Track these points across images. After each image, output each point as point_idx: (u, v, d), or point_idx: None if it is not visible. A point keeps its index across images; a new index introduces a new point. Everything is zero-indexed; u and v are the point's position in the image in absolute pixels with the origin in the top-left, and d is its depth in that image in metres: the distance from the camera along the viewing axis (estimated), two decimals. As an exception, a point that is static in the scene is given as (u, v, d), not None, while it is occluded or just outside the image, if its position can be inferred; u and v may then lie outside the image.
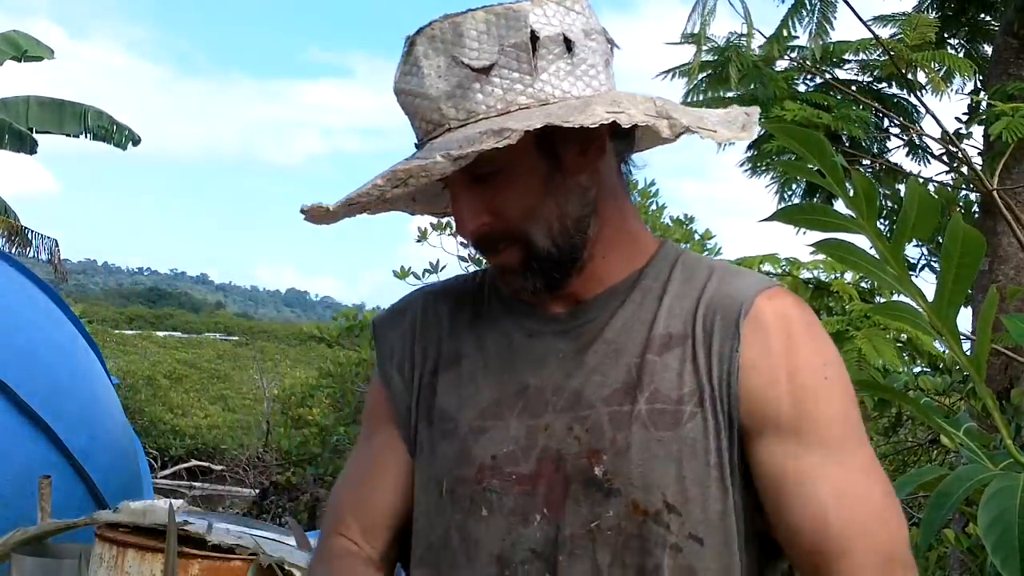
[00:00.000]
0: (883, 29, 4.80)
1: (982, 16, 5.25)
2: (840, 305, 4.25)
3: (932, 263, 5.09)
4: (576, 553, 1.17)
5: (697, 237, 6.99)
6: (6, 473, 4.59)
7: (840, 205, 1.60)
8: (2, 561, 3.62)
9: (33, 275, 5.88)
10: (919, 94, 4.83)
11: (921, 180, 4.74)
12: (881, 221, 4.58)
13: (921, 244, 4.88)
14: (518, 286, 1.24)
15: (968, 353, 1.54)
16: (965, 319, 4.33)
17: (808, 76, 4.91)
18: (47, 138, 14.82)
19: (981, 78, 5.02)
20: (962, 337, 1.56)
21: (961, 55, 4.93)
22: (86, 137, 14.65)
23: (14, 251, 13.63)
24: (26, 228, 14.20)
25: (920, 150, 5.12)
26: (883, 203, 4.99)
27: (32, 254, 14.04)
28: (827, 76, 4.88)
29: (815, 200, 4.76)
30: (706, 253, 6.50)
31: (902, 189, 4.95)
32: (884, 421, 4.81)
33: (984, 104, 4.47)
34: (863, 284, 4.29)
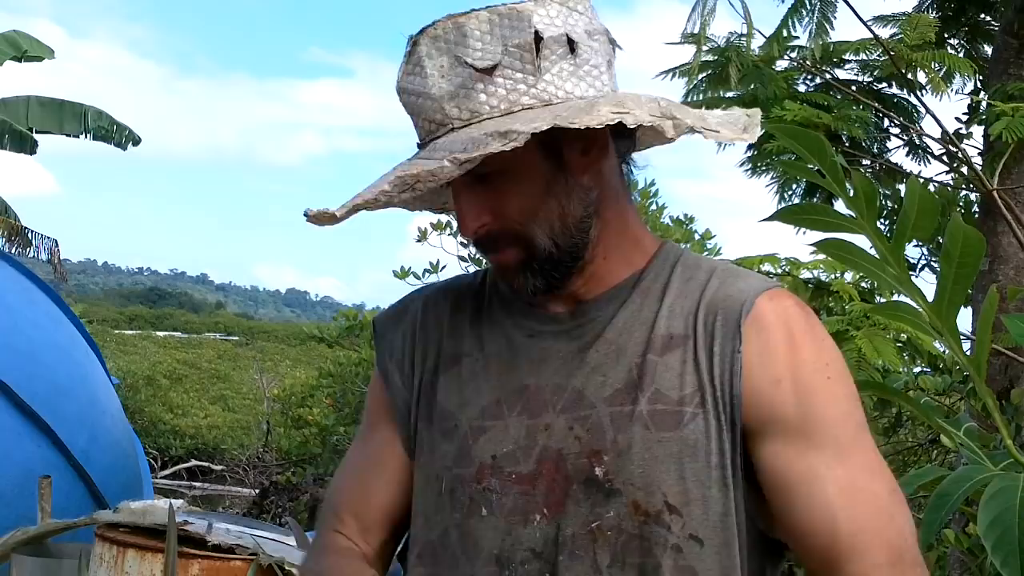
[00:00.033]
0: (883, 29, 4.80)
1: (982, 16, 5.25)
2: (840, 305, 4.24)
3: (932, 263, 5.08)
4: (576, 553, 1.17)
5: (697, 237, 6.97)
6: (6, 473, 4.60)
7: (840, 205, 1.60)
8: (2, 561, 3.61)
9: (33, 275, 5.88)
10: (919, 94, 4.82)
11: (921, 180, 4.73)
12: (881, 221, 4.57)
13: (921, 244, 4.87)
14: (518, 285, 1.24)
15: (968, 353, 1.54)
16: (965, 319, 4.33)
17: (808, 76, 4.91)
18: (47, 138, 14.83)
19: (981, 78, 5.02)
20: (962, 337, 1.56)
21: (961, 55, 4.93)
22: (86, 137, 14.63)
23: (14, 251, 13.62)
24: (26, 228, 14.19)
25: (920, 150, 5.12)
26: (883, 203, 4.99)
27: (32, 254, 14.04)
28: (827, 76, 4.87)
29: (815, 200, 4.75)
30: (706, 253, 6.49)
31: (902, 189, 4.95)
32: (884, 421, 4.80)
33: (984, 104, 4.47)
34: (863, 284, 4.28)
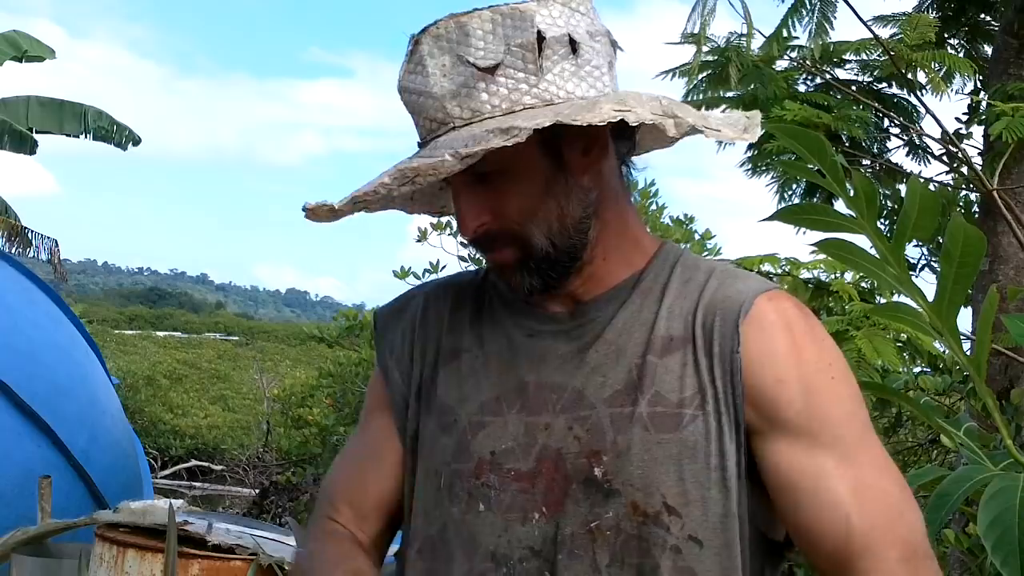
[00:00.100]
0: (883, 29, 4.81)
1: (982, 16, 5.25)
2: (840, 305, 4.23)
3: (932, 263, 5.08)
4: (575, 552, 1.17)
5: (697, 237, 6.96)
6: (6, 473, 4.60)
7: (840, 205, 1.60)
8: (2, 561, 3.61)
9: (33, 275, 5.89)
10: (919, 94, 4.83)
11: (921, 180, 4.73)
12: (881, 221, 4.57)
13: (921, 244, 4.87)
14: (515, 284, 1.24)
15: (968, 353, 1.54)
16: (965, 319, 4.33)
17: (808, 76, 4.92)
18: (47, 138, 14.83)
19: (981, 78, 5.02)
20: (962, 337, 1.56)
21: (961, 55, 4.93)
22: (86, 137, 14.64)
23: (14, 251, 13.62)
24: (26, 228, 14.19)
25: (920, 150, 5.13)
26: (883, 203, 4.99)
27: (32, 254, 14.04)
28: (827, 76, 4.88)
29: (815, 200, 4.76)
30: (706, 253, 6.49)
31: (902, 189, 4.95)
32: (884, 421, 4.80)
33: (984, 104, 4.47)
34: (863, 284, 4.27)
